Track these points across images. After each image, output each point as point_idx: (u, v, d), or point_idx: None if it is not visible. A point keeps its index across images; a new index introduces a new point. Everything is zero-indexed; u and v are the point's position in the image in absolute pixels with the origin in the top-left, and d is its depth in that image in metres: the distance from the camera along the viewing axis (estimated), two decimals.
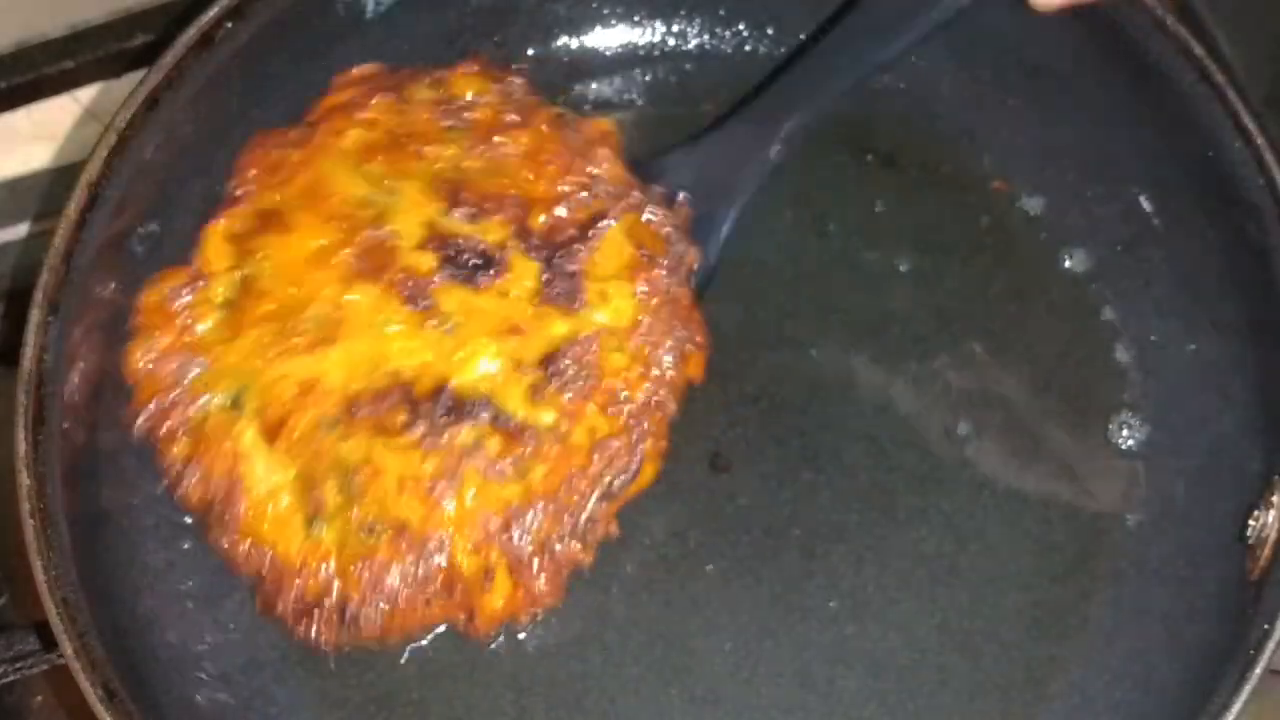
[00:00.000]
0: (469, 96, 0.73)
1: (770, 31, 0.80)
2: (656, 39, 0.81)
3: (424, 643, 0.70)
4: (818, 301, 0.76)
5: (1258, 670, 0.62)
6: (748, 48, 0.81)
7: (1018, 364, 0.76)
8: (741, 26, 0.81)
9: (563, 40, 0.81)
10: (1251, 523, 0.67)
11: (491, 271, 0.68)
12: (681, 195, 0.72)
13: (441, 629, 0.69)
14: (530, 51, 0.81)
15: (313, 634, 0.67)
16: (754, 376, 0.75)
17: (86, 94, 0.86)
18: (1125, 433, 0.74)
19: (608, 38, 0.81)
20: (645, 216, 0.71)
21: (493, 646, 0.71)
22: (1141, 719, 0.69)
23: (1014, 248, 0.78)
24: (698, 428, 0.73)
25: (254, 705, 0.71)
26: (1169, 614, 0.71)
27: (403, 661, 0.71)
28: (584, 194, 0.71)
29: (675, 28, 0.81)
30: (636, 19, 0.81)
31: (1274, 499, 0.67)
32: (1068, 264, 0.77)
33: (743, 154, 0.73)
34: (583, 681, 0.71)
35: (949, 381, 0.75)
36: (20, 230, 0.86)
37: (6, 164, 0.86)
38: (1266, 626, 0.63)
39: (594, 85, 0.81)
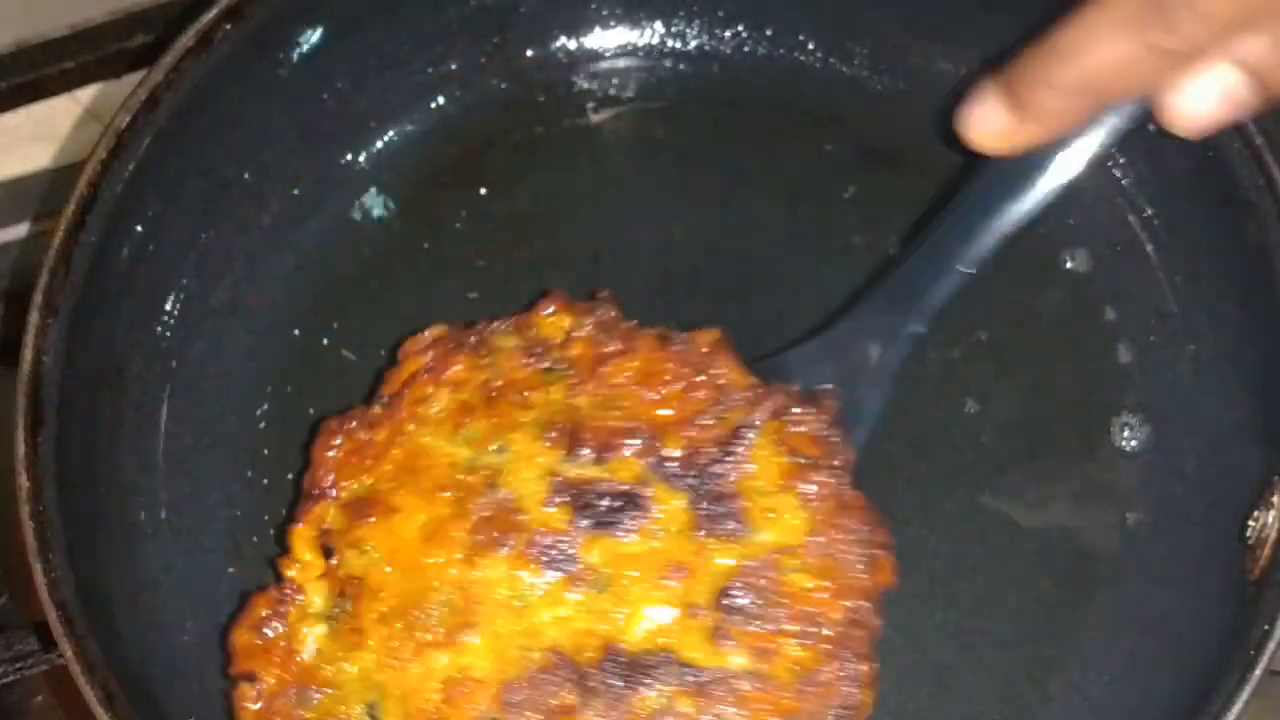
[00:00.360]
0: (559, 337, 0.67)
1: (770, 32, 0.80)
2: (656, 40, 0.81)
3: None
4: (816, 302, 0.76)
5: (1258, 670, 0.62)
6: (747, 48, 0.81)
7: (1018, 364, 0.76)
8: (741, 27, 0.81)
9: (562, 40, 0.81)
10: (1251, 523, 0.67)
11: (635, 512, 0.62)
12: (829, 385, 0.67)
13: None
14: (530, 52, 0.81)
15: None
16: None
17: (86, 94, 0.86)
18: (1125, 433, 0.74)
19: (608, 38, 0.81)
20: (788, 418, 0.64)
21: None
22: (1142, 719, 0.70)
23: (1014, 248, 0.77)
24: None
25: None
26: (1169, 614, 0.71)
27: None
28: (716, 407, 0.64)
29: (675, 28, 0.81)
30: (636, 19, 0.81)
31: (1274, 499, 0.67)
32: (1068, 264, 0.77)
33: (884, 340, 0.68)
34: None
35: (949, 382, 0.75)
36: (20, 230, 0.86)
37: (6, 164, 0.87)
38: (1266, 626, 0.63)
39: (593, 86, 0.81)
